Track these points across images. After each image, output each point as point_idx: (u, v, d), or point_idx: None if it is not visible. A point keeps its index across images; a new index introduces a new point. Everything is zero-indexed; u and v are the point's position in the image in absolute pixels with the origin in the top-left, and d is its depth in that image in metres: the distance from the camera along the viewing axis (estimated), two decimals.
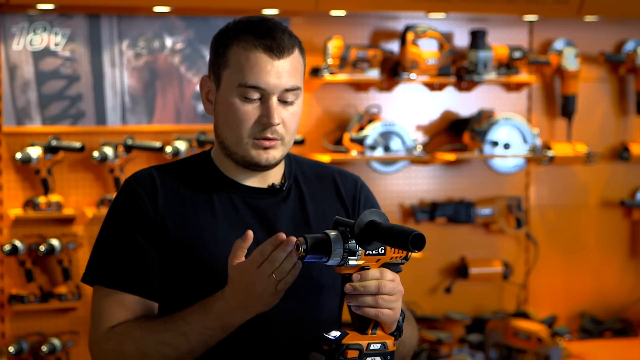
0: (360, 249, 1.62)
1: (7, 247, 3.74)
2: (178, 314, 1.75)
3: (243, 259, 1.66)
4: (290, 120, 1.81)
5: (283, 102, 1.79)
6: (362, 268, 1.63)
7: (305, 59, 1.84)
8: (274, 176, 1.89)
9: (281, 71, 1.77)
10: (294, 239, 1.61)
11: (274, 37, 1.77)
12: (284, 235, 1.62)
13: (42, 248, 3.76)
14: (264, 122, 1.78)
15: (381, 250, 1.63)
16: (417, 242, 1.54)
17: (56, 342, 3.79)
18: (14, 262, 3.83)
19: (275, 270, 1.62)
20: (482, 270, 4.44)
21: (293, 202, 1.89)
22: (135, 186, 1.84)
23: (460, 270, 4.45)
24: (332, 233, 1.61)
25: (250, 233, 1.68)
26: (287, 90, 1.78)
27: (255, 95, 1.78)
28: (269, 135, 1.78)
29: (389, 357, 1.66)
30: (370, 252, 1.63)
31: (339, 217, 1.66)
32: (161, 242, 1.81)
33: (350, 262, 1.62)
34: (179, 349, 1.72)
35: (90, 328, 1.83)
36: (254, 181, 1.87)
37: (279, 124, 1.78)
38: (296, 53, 1.80)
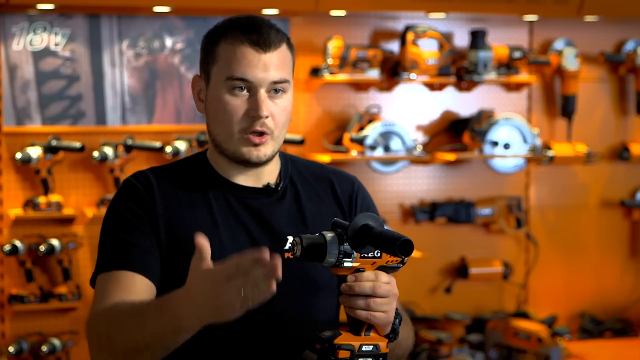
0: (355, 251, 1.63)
1: (7, 247, 3.74)
2: (144, 303, 1.65)
3: (209, 262, 1.49)
4: (279, 114, 1.80)
5: (272, 95, 1.80)
6: (358, 270, 1.64)
7: (294, 55, 1.85)
8: (269, 176, 1.88)
9: (268, 64, 1.77)
10: (268, 256, 1.44)
11: (260, 32, 1.78)
12: (267, 254, 1.43)
13: (42, 248, 3.75)
14: (252, 114, 1.78)
15: (377, 254, 1.64)
16: (404, 247, 1.55)
17: (56, 342, 3.79)
18: (14, 262, 3.83)
19: (249, 288, 1.44)
20: (482, 270, 4.44)
21: (289, 202, 1.89)
22: (135, 183, 1.85)
23: (460, 270, 4.45)
24: (329, 235, 1.62)
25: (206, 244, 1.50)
26: (275, 82, 1.79)
27: (243, 89, 1.78)
28: (258, 129, 1.78)
29: (380, 359, 1.66)
30: (366, 255, 1.64)
31: (337, 219, 1.66)
32: (158, 239, 1.80)
33: (345, 264, 1.63)
34: (135, 341, 1.61)
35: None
36: (249, 181, 1.87)
37: (267, 117, 1.78)
38: (284, 47, 1.81)
